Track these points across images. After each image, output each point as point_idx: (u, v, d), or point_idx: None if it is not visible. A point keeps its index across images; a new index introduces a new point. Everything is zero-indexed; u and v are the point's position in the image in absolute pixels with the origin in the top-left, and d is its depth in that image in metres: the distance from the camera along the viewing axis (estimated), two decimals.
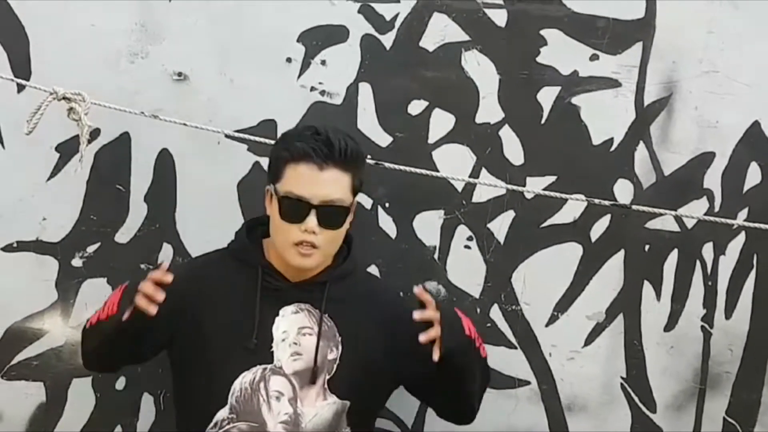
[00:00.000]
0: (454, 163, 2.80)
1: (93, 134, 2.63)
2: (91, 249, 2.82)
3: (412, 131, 2.81)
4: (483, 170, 2.82)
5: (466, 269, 2.85)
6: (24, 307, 2.83)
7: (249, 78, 2.77)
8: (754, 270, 2.86)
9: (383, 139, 2.81)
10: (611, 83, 2.80)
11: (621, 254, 2.87)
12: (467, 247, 2.84)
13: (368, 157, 2.70)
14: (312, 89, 2.79)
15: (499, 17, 2.79)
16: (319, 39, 2.78)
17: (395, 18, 2.79)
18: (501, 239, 2.84)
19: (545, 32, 2.79)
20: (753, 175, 2.83)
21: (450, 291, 2.85)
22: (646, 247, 2.86)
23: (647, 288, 2.88)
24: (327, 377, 2.37)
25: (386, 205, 2.82)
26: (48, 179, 2.79)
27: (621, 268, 2.87)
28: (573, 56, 2.80)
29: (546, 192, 2.73)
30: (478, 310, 2.85)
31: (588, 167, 2.83)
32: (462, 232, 2.84)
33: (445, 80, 2.80)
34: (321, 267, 2.38)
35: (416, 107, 2.81)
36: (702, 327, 2.88)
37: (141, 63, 2.77)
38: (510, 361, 2.88)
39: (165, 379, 2.69)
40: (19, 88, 2.69)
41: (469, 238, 2.84)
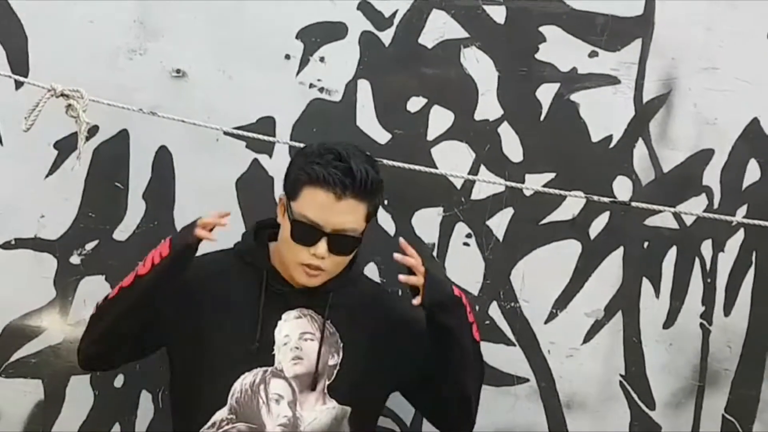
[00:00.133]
0: (453, 160, 2.80)
1: (91, 131, 2.63)
2: (90, 246, 2.82)
3: (411, 128, 2.81)
4: (482, 167, 2.82)
5: (465, 266, 2.84)
6: (22, 305, 2.82)
7: (248, 75, 2.77)
8: (753, 267, 2.86)
9: (382, 136, 2.81)
10: (610, 80, 2.81)
11: (620, 251, 2.86)
12: (466, 245, 2.84)
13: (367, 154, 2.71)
14: (311, 86, 2.79)
15: (498, 14, 2.79)
16: (318, 36, 2.78)
17: (394, 15, 2.79)
18: (500, 236, 2.84)
19: (544, 29, 2.80)
20: (752, 172, 2.83)
21: None
22: (645, 244, 2.86)
23: (646, 285, 2.88)
24: (327, 383, 2.38)
25: (385, 202, 2.79)
26: (46, 176, 2.78)
27: (620, 265, 2.87)
28: (572, 53, 2.80)
29: (545, 189, 2.72)
30: (477, 308, 2.83)
31: (587, 164, 2.83)
32: (461, 230, 2.84)
33: (444, 77, 2.80)
34: None
35: (415, 104, 2.81)
36: (701, 324, 2.88)
37: (139, 60, 2.77)
38: (509, 359, 2.88)
39: (163, 377, 2.68)
40: (17, 85, 2.68)
41: (468, 236, 2.84)
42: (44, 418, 2.85)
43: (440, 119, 2.81)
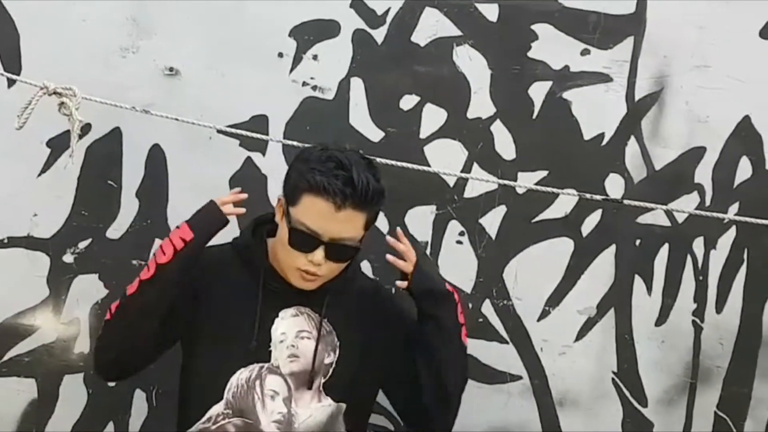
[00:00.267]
0: (446, 158, 2.80)
1: (84, 129, 2.63)
2: (83, 245, 2.82)
3: (404, 126, 2.81)
4: (475, 165, 2.82)
5: (458, 264, 2.85)
6: (15, 304, 2.82)
7: (240, 73, 2.77)
8: (745, 264, 2.86)
9: (375, 134, 2.81)
10: (602, 78, 2.81)
11: (612, 249, 2.87)
12: (459, 242, 2.85)
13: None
14: (304, 84, 2.79)
15: (491, 12, 2.80)
16: (311, 34, 2.78)
17: (387, 13, 2.79)
18: (493, 234, 2.84)
19: (537, 27, 2.80)
20: (744, 170, 2.83)
21: None
22: (637, 242, 2.87)
23: (638, 282, 2.88)
24: (323, 380, 2.37)
25: None
26: (39, 175, 2.78)
27: (612, 263, 2.87)
28: (564, 51, 2.80)
29: (537, 187, 2.73)
30: (470, 306, 2.85)
31: (579, 162, 2.84)
32: (454, 228, 2.84)
33: (437, 75, 2.80)
34: None
35: (408, 102, 2.81)
36: (693, 321, 2.88)
37: (132, 58, 2.77)
38: (502, 356, 2.88)
39: (157, 376, 2.70)
40: (10, 83, 2.70)
41: (461, 233, 2.84)
42: (38, 417, 2.85)
43: (433, 117, 2.82)
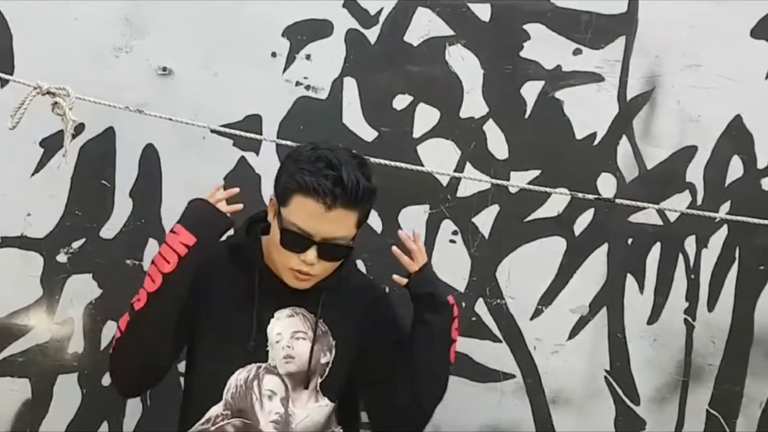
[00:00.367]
0: (439, 158, 2.81)
1: (77, 129, 2.62)
2: (76, 245, 2.81)
3: (397, 126, 2.82)
4: (467, 165, 2.83)
5: (452, 263, 2.85)
6: (9, 304, 2.82)
7: (234, 73, 2.77)
8: (737, 263, 2.88)
9: (368, 134, 2.81)
10: (594, 77, 2.82)
11: (604, 248, 2.88)
12: (452, 242, 2.86)
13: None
14: (297, 84, 2.79)
15: (483, 12, 2.80)
16: (304, 33, 2.78)
17: (379, 13, 2.79)
18: (486, 233, 2.85)
19: (529, 27, 2.81)
20: (735, 169, 2.84)
21: None
22: (629, 241, 2.88)
23: (630, 281, 2.89)
24: (319, 380, 2.37)
25: None
26: (32, 174, 2.78)
27: (604, 262, 2.88)
28: (556, 51, 2.81)
29: (530, 186, 2.73)
30: (464, 304, 2.86)
31: (571, 161, 2.84)
32: (447, 227, 2.85)
33: (430, 75, 2.81)
34: None
35: (401, 102, 2.82)
36: (685, 320, 2.90)
37: (125, 57, 2.77)
38: (495, 355, 2.89)
39: None
40: (3, 83, 2.69)
41: (454, 233, 2.85)
42: (31, 417, 2.85)
43: (426, 117, 2.82)
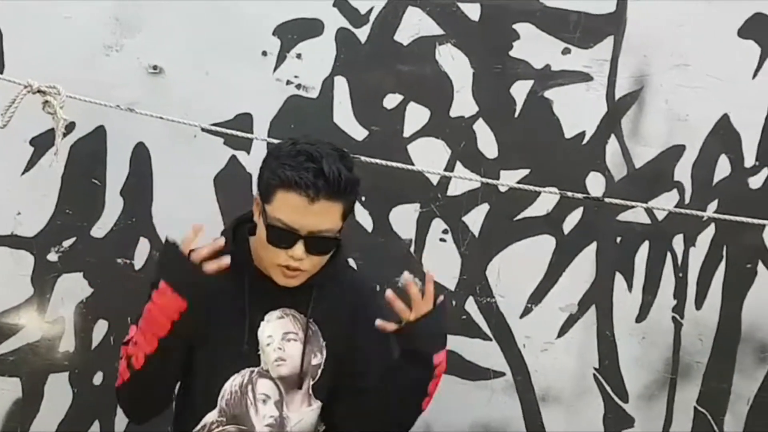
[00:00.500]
0: (429, 157, 2.82)
1: (68, 128, 2.62)
2: (67, 243, 2.82)
3: (388, 125, 2.83)
4: (458, 164, 2.83)
5: (442, 262, 2.86)
6: None
7: (225, 71, 2.78)
8: (724, 261, 2.89)
9: (359, 133, 2.82)
10: (583, 77, 2.83)
11: (593, 246, 2.89)
12: (442, 240, 2.86)
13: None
14: (288, 83, 2.80)
15: (473, 11, 2.81)
16: (295, 32, 2.79)
17: (370, 12, 2.80)
18: (476, 232, 2.86)
19: (518, 26, 2.81)
20: (722, 168, 2.85)
21: None
22: (618, 239, 2.89)
23: (619, 279, 2.90)
24: (311, 383, 2.35)
25: (362, 199, 2.82)
26: (22, 173, 2.78)
27: (593, 260, 2.90)
28: (545, 50, 2.82)
29: (519, 185, 2.75)
30: (454, 303, 2.87)
31: (560, 160, 2.85)
32: (437, 225, 2.86)
33: (420, 74, 2.82)
34: None
35: (391, 101, 2.83)
36: (673, 318, 2.91)
37: (116, 56, 2.77)
38: (485, 353, 2.90)
39: None
40: None
41: (445, 231, 2.86)
42: (22, 416, 2.85)
43: (416, 116, 2.83)
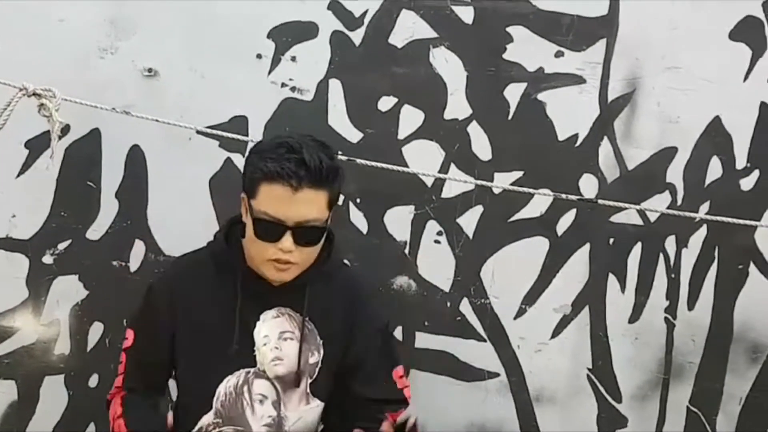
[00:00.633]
0: (424, 159, 2.82)
1: (63, 130, 2.63)
2: (62, 246, 2.82)
3: (382, 127, 2.83)
4: (452, 166, 2.84)
5: (436, 264, 2.87)
6: None
7: (220, 74, 2.78)
8: (716, 262, 2.90)
9: (354, 135, 2.83)
10: (576, 80, 2.83)
11: (586, 248, 2.90)
12: (437, 242, 2.87)
13: (339, 153, 2.73)
14: (283, 85, 2.81)
15: (466, 14, 2.82)
16: (289, 35, 2.79)
17: (364, 15, 2.81)
18: (470, 234, 2.87)
19: (511, 29, 2.82)
20: (714, 170, 2.86)
21: (420, 285, 2.88)
22: (611, 241, 2.90)
23: (612, 281, 2.91)
24: (309, 381, 2.36)
25: (357, 201, 2.84)
26: (17, 176, 2.78)
27: (586, 262, 2.90)
28: (539, 53, 2.82)
29: (513, 187, 2.76)
30: (449, 304, 2.88)
31: (554, 162, 2.86)
32: (432, 227, 2.87)
33: (414, 77, 2.82)
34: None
35: (386, 103, 2.83)
36: (665, 318, 2.92)
37: (111, 59, 2.78)
38: (479, 354, 2.91)
39: None
40: None
41: (439, 233, 2.87)
42: (18, 419, 2.85)
43: (411, 118, 2.84)
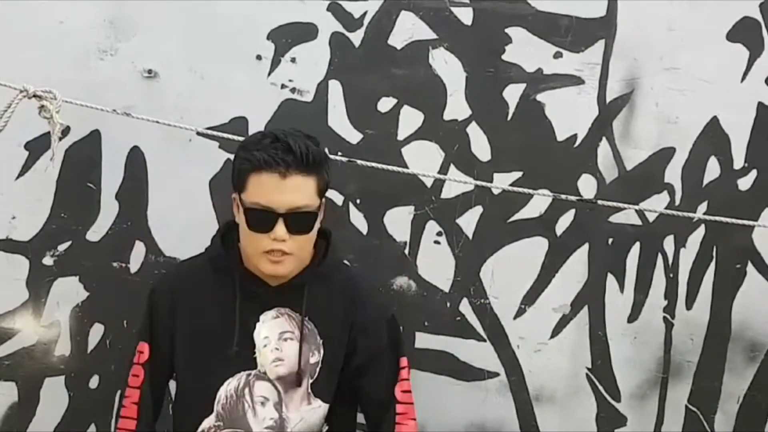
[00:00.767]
0: (423, 160, 2.83)
1: (63, 132, 2.63)
2: (62, 247, 2.82)
3: (382, 128, 2.84)
4: (451, 166, 2.85)
5: (436, 264, 2.88)
6: None
7: (219, 75, 2.78)
8: (714, 262, 2.91)
9: (353, 136, 2.83)
10: (575, 80, 2.84)
11: (585, 248, 2.91)
12: (437, 243, 2.88)
13: (339, 154, 2.74)
14: (282, 87, 2.81)
15: (465, 15, 2.82)
16: (289, 37, 2.80)
17: (363, 16, 2.81)
18: (469, 234, 2.88)
19: (510, 30, 2.82)
20: (712, 170, 2.87)
21: (420, 286, 2.88)
22: (610, 241, 2.90)
23: (611, 280, 2.92)
24: (310, 381, 2.36)
25: (357, 202, 2.84)
26: (17, 177, 2.78)
27: (585, 262, 2.91)
28: (537, 54, 2.83)
29: (512, 188, 2.76)
30: (448, 304, 2.89)
31: (553, 163, 2.86)
32: (431, 228, 2.87)
33: (414, 78, 2.82)
34: (297, 269, 2.36)
35: (385, 104, 2.84)
36: (664, 318, 2.93)
37: (110, 60, 2.77)
38: (479, 354, 2.92)
39: None
40: None
41: (439, 234, 2.87)
42: (19, 420, 2.85)
43: (410, 119, 2.84)
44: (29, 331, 2.82)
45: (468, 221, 2.88)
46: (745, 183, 2.87)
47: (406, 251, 2.87)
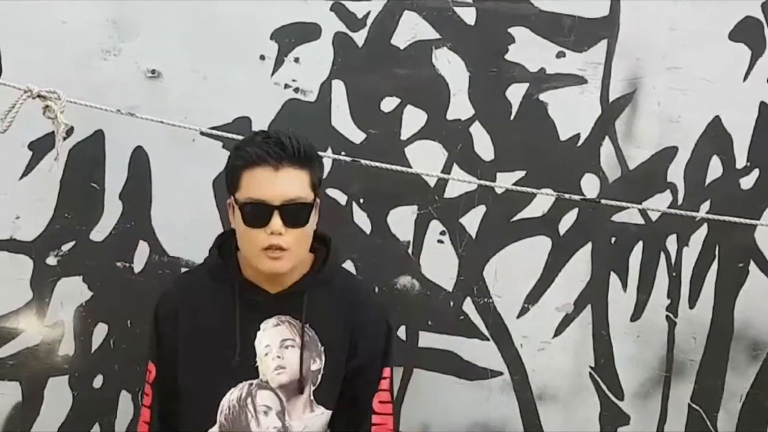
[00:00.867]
0: (427, 159, 2.83)
1: (67, 132, 2.60)
2: (66, 247, 2.81)
3: (385, 128, 2.84)
4: (454, 166, 2.85)
5: (440, 263, 2.88)
6: None
7: (223, 75, 2.78)
8: (716, 260, 2.91)
9: (357, 136, 2.83)
10: (577, 80, 2.84)
11: (588, 247, 2.91)
12: (440, 242, 2.88)
13: (342, 154, 2.74)
14: (286, 86, 2.81)
15: (469, 15, 2.82)
16: (292, 36, 2.80)
17: (367, 16, 2.81)
18: (473, 233, 2.88)
19: (513, 30, 2.83)
20: (714, 169, 2.88)
21: (424, 285, 2.88)
22: (613, 240, 2.91)
23: (614, 279, 2.93)
24: (312, 388, 2.36)
25: (361, 201, 2.84)
26: (21, 177, 2.77)
27: (588, 261, 2.92)
28: (540, 54, 2.83)
29: (516, 187, 2.77)
30: (452, 304, 2.89)
31: (556, 162, 2.87)
32: (435, 227, 2.87)
33: (417, 77, 2.83)
34: (296, 272, 2.36)
35: (389, 104, 2.84)
36: (667, 316, 2.93)
37: (114, 60, 2.77)
38: (483, 353, 2.92)
39: (142, 377, 2.68)
40: None
41: (442, 233, 2.88)
42: (23, 420, 2.85)
43: (413, 119, 2.84)
44: (33, 331, 2.82)
45: (471, 221, 2.88)
46: (748, 182, 2.87)
47: (410, 251, 2.87)
